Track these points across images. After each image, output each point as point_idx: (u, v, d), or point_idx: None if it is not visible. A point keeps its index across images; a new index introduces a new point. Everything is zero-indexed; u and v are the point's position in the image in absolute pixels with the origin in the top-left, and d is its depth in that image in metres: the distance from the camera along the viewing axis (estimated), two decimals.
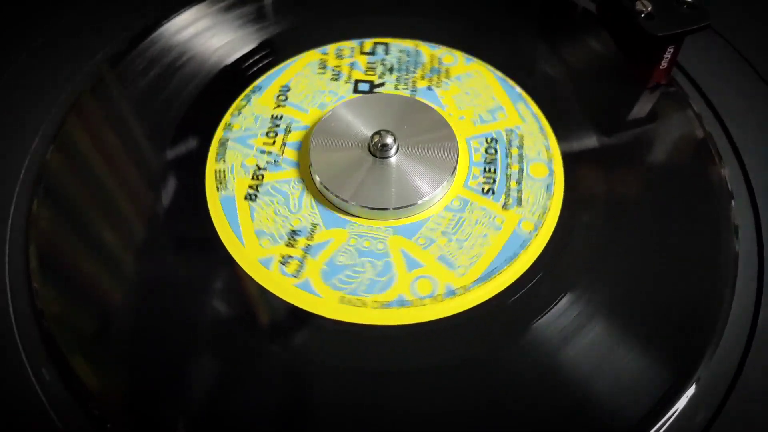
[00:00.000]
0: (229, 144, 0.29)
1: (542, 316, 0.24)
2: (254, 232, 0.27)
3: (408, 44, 0.33)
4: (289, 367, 0.24)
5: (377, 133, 0.28)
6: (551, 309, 0.25)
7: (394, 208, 0.27)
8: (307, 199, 0.28)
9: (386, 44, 0.33)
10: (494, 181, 0.28)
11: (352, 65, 0.32)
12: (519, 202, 0.27)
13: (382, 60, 0.32)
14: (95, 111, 0.31)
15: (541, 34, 0.34)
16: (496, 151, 0.29)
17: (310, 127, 0.30)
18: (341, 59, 0.32)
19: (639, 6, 0.29)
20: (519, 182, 0.28)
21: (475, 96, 0.31)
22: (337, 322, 0.24)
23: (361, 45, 0.32)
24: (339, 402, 0.23)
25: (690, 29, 0.28)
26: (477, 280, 0.25)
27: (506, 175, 0.28)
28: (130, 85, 0.31)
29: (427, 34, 0.33)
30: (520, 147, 0.29)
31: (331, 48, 0.33)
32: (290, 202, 0.27)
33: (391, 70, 0.32)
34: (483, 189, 0.28)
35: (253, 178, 0.28)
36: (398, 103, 0.30)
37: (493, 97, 0.31)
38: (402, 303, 0.25)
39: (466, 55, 0.32)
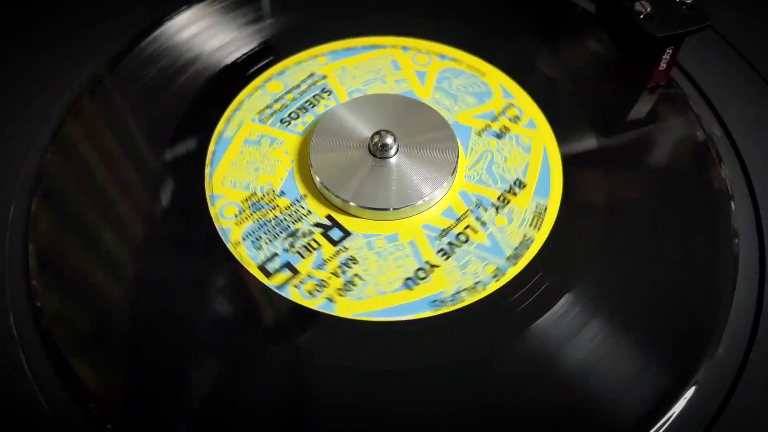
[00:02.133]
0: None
1: (542, 317, 0.24)
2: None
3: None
4: (288, 366, 0.24)
5: (377, 133, 0.28)
6: (551, 309, 0.25)
7: (394, 208, 0.27)
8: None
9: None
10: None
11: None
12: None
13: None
14: (95, 111, 0.31)
15: (540, 34, 0.34)
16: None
17: (312, 126, 0.30)
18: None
19: (638, 6, 0.29)
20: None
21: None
22: (337, 318, 0.24)
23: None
24: (338, 402, 0.23)
25: (689, 30, 0.28)
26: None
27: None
28: (129, 86, 0.31)
29: (427, 34, 0.33)
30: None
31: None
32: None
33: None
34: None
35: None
36: (398, 103, 0.30)
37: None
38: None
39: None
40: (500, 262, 0.26)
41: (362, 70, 0.32)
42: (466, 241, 0.26)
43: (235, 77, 0.32)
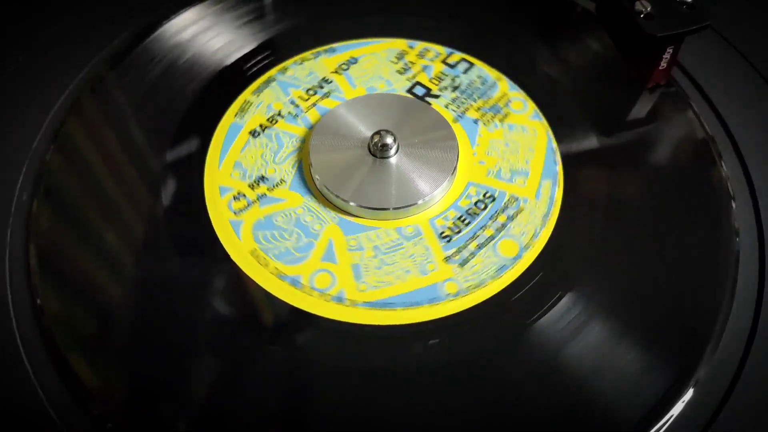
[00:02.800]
0: (273, 84, 0.31)
1: (542, 317, 0.24)
2: (234, 161, 0.28)
3: (492, 73, 0.32)
4: (286, 366, 0.24)
5: (377, 133, 0.28)
6: (551, 309, 0.25)
7: (394, 208, 0.27)
8: (293, 159, 0.29)
9: (471, 64, 0.32)
10: (459, 232, 0.27)
11: (426, 68, 0.32)
12: (463, 263, 0.26)
13: (456, 76, 0.32)
14: (95, 111, 0.31)
15: (540, 34, 0.34)
16: (485, 207, 0.27)
17: (313, 125, 0.30)
18: (421, 58, 0.32)
19: (638, 6, 0.29)
20: (479, 247, 0.26)
21: (512, 151, 0.29)
22: (336, 322, 0.24)
23: (450, 55, 0.32)
24: (338, 402, 0.23)
25: (689, 30, 0.28)
26: (370, 302, 0.25)
27: (474, 234, 0.27)
28: (130, 86, 0.31)
29: (427, 33, 0.33)
30: (510, 219, 0.27)
31: (420, 45, 0.33)
32: (279, 153, 0.29)
33: (455, 88, 0.31)
34: (442, 233, 0.27)
35: (268, 120, 0.30)
36: (398, 103, 0.30)
37: (528, 161, 0.29)
38: (294, 283, 0.25)
39: (537, 110, 0.30)
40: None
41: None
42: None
43: (235, 77, 0.32)
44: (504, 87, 0.31)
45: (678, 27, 0.28)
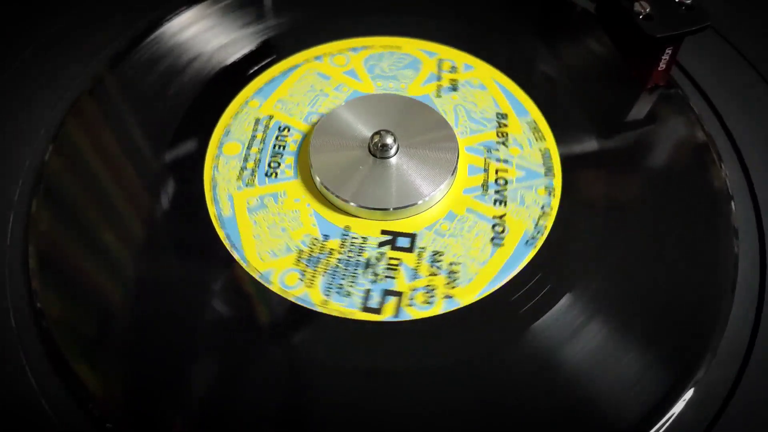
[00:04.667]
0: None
1: (542, 317, 0.24)
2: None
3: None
4: (286, 366, 0.24)
5: (377, 133, 0.28)
6: (551, 309, 0.25)
7: (394, 208, 0.27)
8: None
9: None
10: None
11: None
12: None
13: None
14: (95, 112, 0.31)
15: (540, 34, 0.34)
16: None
17: (311, 126, 0.30)
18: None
19: (637, 7, 0.29)
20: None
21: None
22: (335, 318, 0.24)
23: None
24: (338, 402, 0.23)
25: (689, 30, 0.28)
26: None
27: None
28: (130, 86, 0.31)
29: (426, 33, 0.33)
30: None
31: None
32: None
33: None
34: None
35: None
36: (398, 103, 0.30)
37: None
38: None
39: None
40: (543, 181, 0.28)
41: (298, 93, 0.31)
42: (506, 182, 0.28)
43: (235, 77, 0.32)
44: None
45: (677, 28, 0.28)
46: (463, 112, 0.30)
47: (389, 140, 0.28)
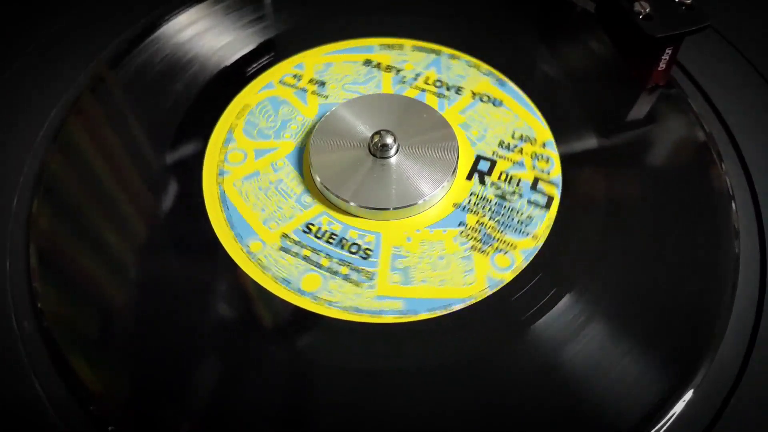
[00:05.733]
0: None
1: (542, 317, 0.24)
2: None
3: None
4: (287, 366, 0.24)
5: (377, 133, 0.28)
6: (551, 310, 0.25)
7: (394, 208, 0.27)
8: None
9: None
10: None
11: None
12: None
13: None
14: (95, 111, 0.31)
15: (540, 34, 0.34)
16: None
17: (311, 126, 0.30)
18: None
19: (637, 7, 0.29)
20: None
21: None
22: (336, 320, 0.24)
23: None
24: (338, 402, 0.23)
25: (689, 30, 0.28)
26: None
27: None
28: (130, 86, 0.31)
29: (426, 33, 0.33)
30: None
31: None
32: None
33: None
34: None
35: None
36: (398, 103, 0.30)
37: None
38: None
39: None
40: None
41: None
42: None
43: (235, 77, 0.32)
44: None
45: (677, 27, 0.28)
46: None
47: (389, 140, 0.28)
